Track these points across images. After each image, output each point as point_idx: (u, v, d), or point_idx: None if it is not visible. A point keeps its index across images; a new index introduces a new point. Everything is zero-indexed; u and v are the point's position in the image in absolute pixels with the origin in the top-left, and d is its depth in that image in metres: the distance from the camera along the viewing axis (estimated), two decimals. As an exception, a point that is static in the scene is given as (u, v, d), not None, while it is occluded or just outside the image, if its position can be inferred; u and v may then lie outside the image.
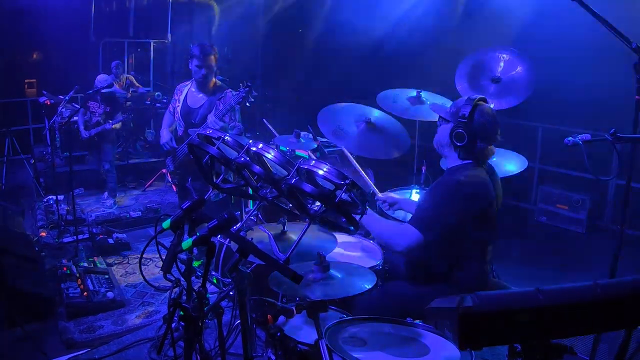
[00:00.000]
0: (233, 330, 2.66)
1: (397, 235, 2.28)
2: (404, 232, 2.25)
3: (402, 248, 2.26)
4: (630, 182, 2.60)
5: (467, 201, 2.24)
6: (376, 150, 3.50)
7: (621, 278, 1.48)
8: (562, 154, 5.32)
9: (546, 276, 4.25)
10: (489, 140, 2.34)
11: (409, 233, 2.23)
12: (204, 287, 1.76)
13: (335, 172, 1.88)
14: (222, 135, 2.17)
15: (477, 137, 2.31)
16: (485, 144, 2.34)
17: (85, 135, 6.02)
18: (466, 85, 3.69)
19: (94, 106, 6.05)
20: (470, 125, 2.29)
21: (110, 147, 6.09)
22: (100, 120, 6.01)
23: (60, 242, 4.73)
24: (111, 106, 6.05)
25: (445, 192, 2.29)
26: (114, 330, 3.43)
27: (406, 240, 2.23)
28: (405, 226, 2.27)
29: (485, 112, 2.33)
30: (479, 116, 2.31)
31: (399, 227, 2.32)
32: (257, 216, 3.53)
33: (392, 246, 2.31)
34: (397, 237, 2.28)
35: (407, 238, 2.23)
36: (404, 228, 2.27)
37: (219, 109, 3.74)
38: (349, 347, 1.84)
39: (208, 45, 3.81)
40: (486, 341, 1.46)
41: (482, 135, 2.31)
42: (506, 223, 3.70)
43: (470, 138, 2.31)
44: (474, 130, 2.30)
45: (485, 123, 2.31)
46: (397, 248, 2.28)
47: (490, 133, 2.33)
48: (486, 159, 2.40)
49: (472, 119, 2.30)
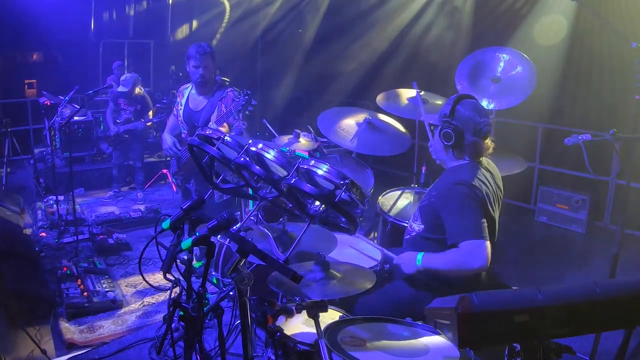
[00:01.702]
0: (233, 330, 2.66)
1: (465, 256, 2.17)
2: (468, 251, 2.16)
3: (481, 262, 2.15)
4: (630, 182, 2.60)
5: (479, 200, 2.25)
6: (377, 148, 3.51)
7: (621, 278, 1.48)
8: (562, 154, 5.32)
9: (546, 276, 4.25)
10: (478, 133, 2.32)
11: (474, 247, 2.15)
12: (203, 287, 1.76)
13: (335, 172, 1.88)
14: (222, 136, 2.17)
15: (465, 132, 2.32)
16: (475, 138, 2.32)
17: (114, 131, 6.10)
18: (466, 85, 3.69)
19: (123, 103, 6.14)
20: (454, 122, 2.31)
21: (140, 145, 6.23)
22: (131, 117, 6.11)
23: (60, 243, 4.73)
24: (141, 104, 6.15)
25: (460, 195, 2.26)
26: (114, 330, 3.43)
27: (479, 255, 2.14)
28: (464, 245, 2.18)
29: (468, 106, 2.34)
30: (462, 111, 2.33)
31: (460, 250, 2.19)
32: (257, 216, 3.53)
33: (468, 268, 2.19)
34: (466, 258, 2.17)
35: (476, 253, 2.14)
36: (466, 246, 2.17)
37: (220, 113, 3.74)
38: (349, 347, 1.83)
39: (205, 45, 3.78)
40: (486, 341, 1.46)
41: (469, 128, 2.31)
42: (506, 223, 3.70)
43: (457, 134, 2.32)
44: (459, 126, 2.31)
45: (468, 116, 2.32)
46: (474, 265, 2.16)
47: (477, 125, 2.31)
48: (481, 153, 2.39)
49: (454, 116, 2.32)
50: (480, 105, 2.40)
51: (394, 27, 7.05)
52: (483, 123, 2.32)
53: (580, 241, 5.13)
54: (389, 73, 6.99)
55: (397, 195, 3.42)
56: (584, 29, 5.12)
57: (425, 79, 6.06)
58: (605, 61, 4.98)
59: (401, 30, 6.99)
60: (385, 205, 3.27)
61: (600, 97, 5.01)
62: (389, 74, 6.98)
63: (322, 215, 2.11)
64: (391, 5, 7.08)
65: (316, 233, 2.45)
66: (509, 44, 4.75)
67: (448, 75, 3.95)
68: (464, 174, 2.30)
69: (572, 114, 5.37)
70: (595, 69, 5.12)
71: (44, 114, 7.01)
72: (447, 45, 6.47)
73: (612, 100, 4.79)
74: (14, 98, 7.83)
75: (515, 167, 3.38)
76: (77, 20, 8.16)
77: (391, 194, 3.45)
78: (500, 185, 2.46)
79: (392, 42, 7.10)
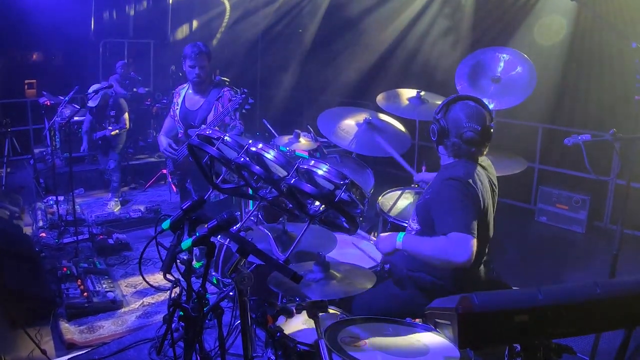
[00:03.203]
0: (233, 330, 2.66)
1: (451, 247, 2.07)
2: (455, 242, 2.06)
3: (465, 257, 2.04)
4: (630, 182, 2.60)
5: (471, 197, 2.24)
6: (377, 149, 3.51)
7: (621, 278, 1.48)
8: (562, 154, 5.33)
9: (546, 276, 4.25)
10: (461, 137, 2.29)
11: (461, 240, 2.06)
12: (203, 287, 1.76)
13: (335, 172, 1.88)
14: (221, 136, 2.17)
15: (449, 132, 2.31)
16: (456, 140, 2.30)
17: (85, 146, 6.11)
18: (466, 85, 3.69)
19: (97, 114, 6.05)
20: (442, 120, 2.33)
21: (114, 150, 6.06)
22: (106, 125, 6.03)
23: (60, 243, 4.73)
24: (115, 109, 6.03)
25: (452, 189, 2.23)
26: (114, 330, 3.43)
27: (465, 249, 2.04)
28: (452, 235, 2.08)
29: (460, 108, 2.32)
30: (452, 111, 2.33)
31: (447, 239, 2.09)
32: (257, 216, 3.53)
33: (450, 259, 2.07)
34: (452, 249, 2.06)
35: (462, 246, 2.04)
36: (453, 237, 2.07)
37: (217, 112, 3.74)
38: (349, 347, 1.84)
39: (200, 44, 3.78)
40: (486, 341, 1.46)
41: (453, 130, 2.30)
42: (506, 223, 3.70)
43: (440, 133, 2.33)
44: (445, 125, 2.32)
45: (455, 118, 2.31)
46: (457, 259, 2.05)
47: (460, 129, 2.28)
48: (472, 155, 2.34)
49: (444, 115, 2.33)
50: (477, 109, 2.32)
51: (394, 27, 7.05)
52: (468, 128, 2.27)
53: (580, 241, 5.13)
54: (389, 73, 6.99)
55: (397, 195, 3.41)
56: (584, 29, 5.13)
57: (425, 79, 6.08)
58: (605, 61, 4.98)
59: (401, 30, 6.99)
60: (385, 205, 3.27)
61: (600, 97, 5.01)
62: (389, 74, 6.98)
63: (322, 215, 2.10)
64: (391, 5, 7.08)
65: (316, 233, 2.46)
66: (509, 44, 4.75)
67: (448, 75, 3.94)
68: (457, 171, 2.28)
69: (572, 114, 5.37)
70: (595, 69, 5.13)
71: (44, 114, 7.02)
72: (447, 45, 6.47)
73: (612, 100, 4.79)
74: (14, 98, 7.83)
75: (515, 167, 3.38)
76: (77, 20, 8.15)
77: (391, 194, 3.44)
78: (495, 183, 2.45)
79: (392, 42, 7.11)
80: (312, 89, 8.53)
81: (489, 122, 2.33)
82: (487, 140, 2.34)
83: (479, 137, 2.28)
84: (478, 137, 2.28)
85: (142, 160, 7.44)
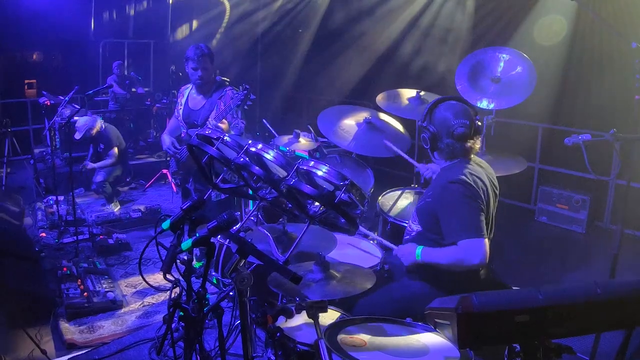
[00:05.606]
0: (233, 330, 2.66)
1: (464, 254, 2.18)
2: (467, 249, 2.17)
3: (480, 259, 2.16)
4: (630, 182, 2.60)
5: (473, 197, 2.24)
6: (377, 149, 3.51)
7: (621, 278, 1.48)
8: (562, 154, 5.32)
9: (546, 276, 4.25)
10: (452, 135, 2.29)
11: (473, 245, 2.16)
12: (203, 287, 1.76)
13: (335, 173, 1.88)
14: (221, 136, 2.17)
15: (440, 135, 2.32)
16: (449, 140, 2.30)
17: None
18: (466, 85, 3.69)
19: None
20: (430, 126, 2.33)
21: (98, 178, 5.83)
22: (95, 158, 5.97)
23: (60, 243, 4.73)
24: (104, 142, 5.90)
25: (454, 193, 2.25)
26: (114, 330, 3.43)
27: (478, 252, 2.15)
28: (463, 243, 2.18)
29: (443, 108, 2.33)
30: (437, 114, 2.33)
31: (459, 248, 2.20)
32: (257, 217, 3.53)
33: (467, 264, 2.19)
34: (466, 255, 2.18)
35: (475, 251, 2.15)
36: (464, 245, 2.18)
37: (219, 110, 3.74)
38: (349, 347, 1.83)
39: (203, 46, 3.78)
40: (486, 341, 1.46)
41: (443, 131, 2.31)
42: (506, 223, 3.70)
43: (431, 138, 2.33)
44: (433, 130, 2.32)
45: (442, 119, 2.31)
46: (474, 262, 2.17)
47: (450, 128, 2.29)
48: (468, 152, 2.35)
49: (430, 120, 2.35)
50: (460, 106, 2.34)
51: (394, 27, 7.05)
52: (457, 124, 2.28)
53: (580, 241, 5.12)
54: (389, 73, 6.99)
55: (397, 195, 3.42)
56: (584, 29, 5.12)
57: (425, 79, 6.08)
58: (605, 61, 4.98)
59: (401, 30, 6.99)
60: (385, 205, 3.27)
61: (600, 97, 5.01)
62: (389, 74, 6.98)
63: (321, 216, 2.11)
64: (391, 5, 7.08)
65: (316, 233, 2.46)
66: (509, 44, 4.75)
67: (448, 75, 3.94)
68: (456, 173, 2.29)
69: (572, 114, 5.37)
70: (595, 69, 5.12)
71: (44, 114, 7.01)
72: (447, 45, 6.47)
73: (612, 100, 4.78)
74: (14, 98, 7.83)
75: (515, 167, 3.38)
76: (77, 20, 8.16)
77: (391, 194, 3.45)
78: (495, 183, 2.45)
79: (392, 42, 7.11)
80: (312, 89, 8.53)
81: (475, 116, 2.35)
82: (478, 133, 2.36)
83: (470, 131, 2.30)
84: (469, 130, 2.30)
85: (142, 160, 7.44)
